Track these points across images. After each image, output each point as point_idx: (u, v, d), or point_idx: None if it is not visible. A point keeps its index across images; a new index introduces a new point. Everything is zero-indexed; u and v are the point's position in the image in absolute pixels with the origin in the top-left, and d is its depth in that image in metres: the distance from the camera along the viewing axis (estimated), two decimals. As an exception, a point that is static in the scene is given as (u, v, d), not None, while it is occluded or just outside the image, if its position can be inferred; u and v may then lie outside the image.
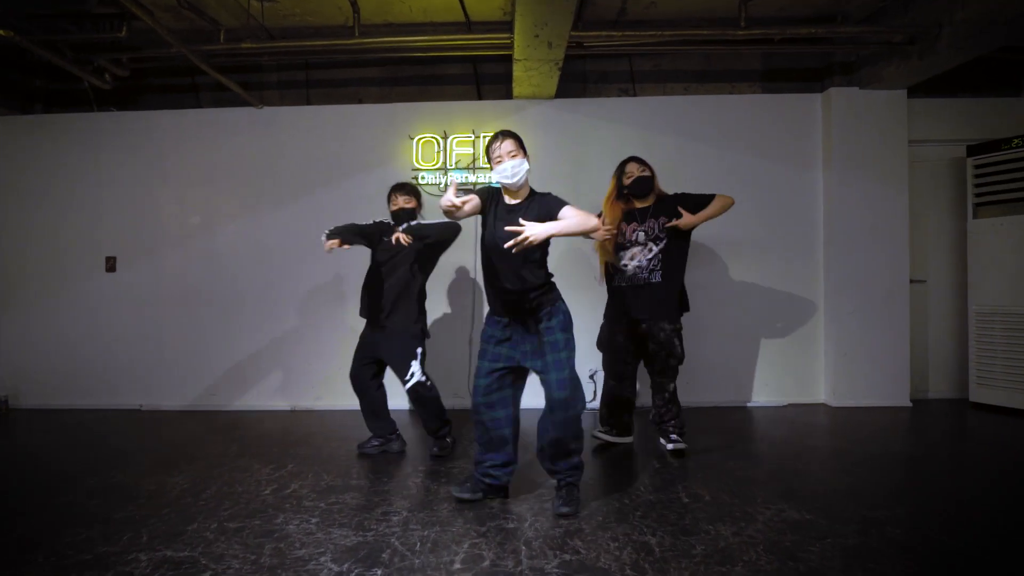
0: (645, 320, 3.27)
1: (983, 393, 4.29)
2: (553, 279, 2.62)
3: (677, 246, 3.30)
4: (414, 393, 3.25)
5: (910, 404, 4.33)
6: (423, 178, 4.55)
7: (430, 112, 4.61)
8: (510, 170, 2.47)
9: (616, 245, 3.33)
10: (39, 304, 4.76)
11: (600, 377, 4.49)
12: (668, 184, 4.50)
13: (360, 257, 3.59)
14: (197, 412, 4.54)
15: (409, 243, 3.19)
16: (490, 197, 2.56)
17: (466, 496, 2.59)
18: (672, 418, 3.29)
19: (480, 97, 4.66)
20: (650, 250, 3.26)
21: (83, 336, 4.73)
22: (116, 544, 2.24)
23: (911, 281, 4.43)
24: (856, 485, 2.77)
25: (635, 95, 4.64)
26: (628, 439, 3.49)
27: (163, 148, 4.74)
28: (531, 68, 3.87)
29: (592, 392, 4.47)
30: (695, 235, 4.51)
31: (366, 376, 3.35)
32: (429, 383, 3.29)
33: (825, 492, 2.67)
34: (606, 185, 4.55)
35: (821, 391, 4.49)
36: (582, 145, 4.56)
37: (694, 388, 4.45)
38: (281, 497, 2.71)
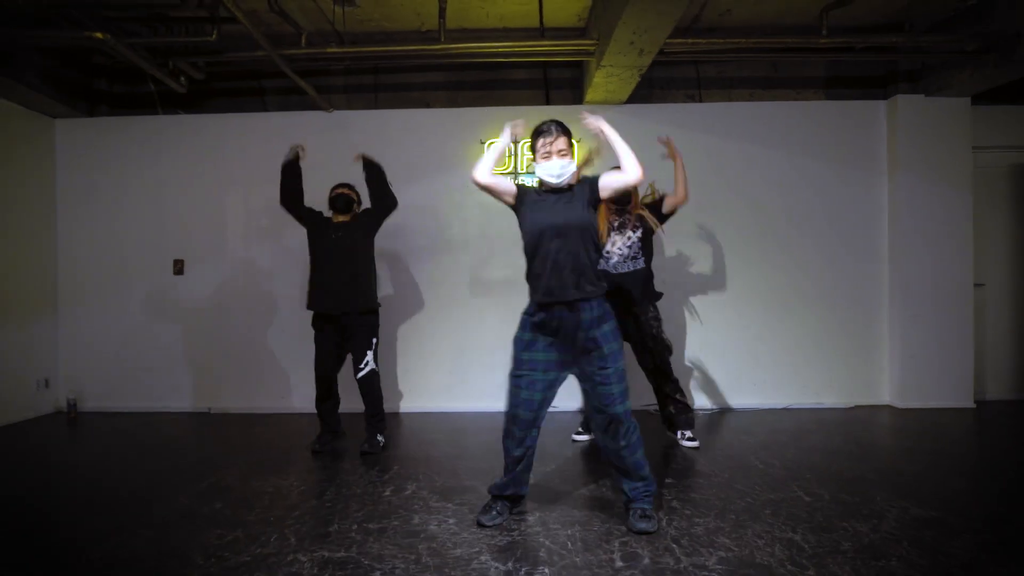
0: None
1: (1045, 394, 4.40)
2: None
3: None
4: (366, 383, 3.50)
5: (974, 405, 4.42)
6: (494, 182, 4.60)
7: (499, 116, 4.63)
8: (558, 170, 2.35)
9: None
10: (106, 306, 4.76)
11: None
12: (735, 190, 4.61)
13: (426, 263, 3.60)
14: (267, 415, 4.55)
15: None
16: (525, 191, 2.49)
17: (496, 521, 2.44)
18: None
19: (548, 102, 4.72)
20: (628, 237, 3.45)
21: (150, 338, 4.74)
22: (267, 545, 2.27)
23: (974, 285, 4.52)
24: (967, 484, 2.84)
25: (701, 101, 4.71)
26: None
27: (230, 151, 4.77)
28: (613, 74, 3.93)
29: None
30: (764, 236, 4.59)
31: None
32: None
33: (940, 492, 2.74)
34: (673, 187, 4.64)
35: (885, 393, 4.58)
36: (650, 149, 4.57)
37: (764, 389, 4.55)
38: (405, 498, 2.75)
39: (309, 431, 4.05)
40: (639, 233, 3.46)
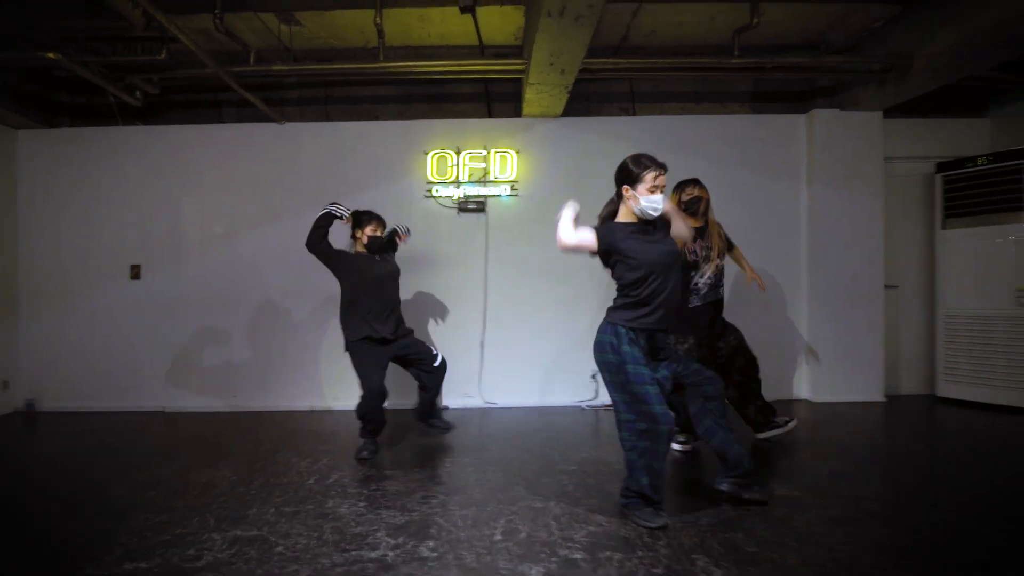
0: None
1: (950, 388, 4.70)
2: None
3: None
4: (444, 368, 3.71)
5: (884, 399, 4.73)
6: (437, 191, 4.85)
7: (443, 129, 4.91)
8: (660, 203, 2.55)
9: (689, 264, 3.46)
10: (64, 310, 4.96)
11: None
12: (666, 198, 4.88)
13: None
14: (220, 414, 4.77)
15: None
16: (610, 230, 2.60)
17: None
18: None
19: (490, 115, 4.98)
20: (717, 266, 3.50)
21: (107, 341, 4.94)
22: (188, 527, 2.50)
23: (886, 287, 4.83)
24: (839, 469, 3.12)
25: (635, 114, 4.98)
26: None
27: (187, 161, 4.98)
28: (542, 91, 4.20)
29: (595, 391, 4.81)
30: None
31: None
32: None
33: (811, 475, 3.02)
34: (609, 196, 4.93)
35: (804, 388, 4.87)
36: (586, 160, 4.88)
37: (690, 386, 4.83)
38: (326, 486, 2.98)
39: (254, 427, 4.28)
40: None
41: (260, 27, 4.24)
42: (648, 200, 2.54)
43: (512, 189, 4.84)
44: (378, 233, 3.70)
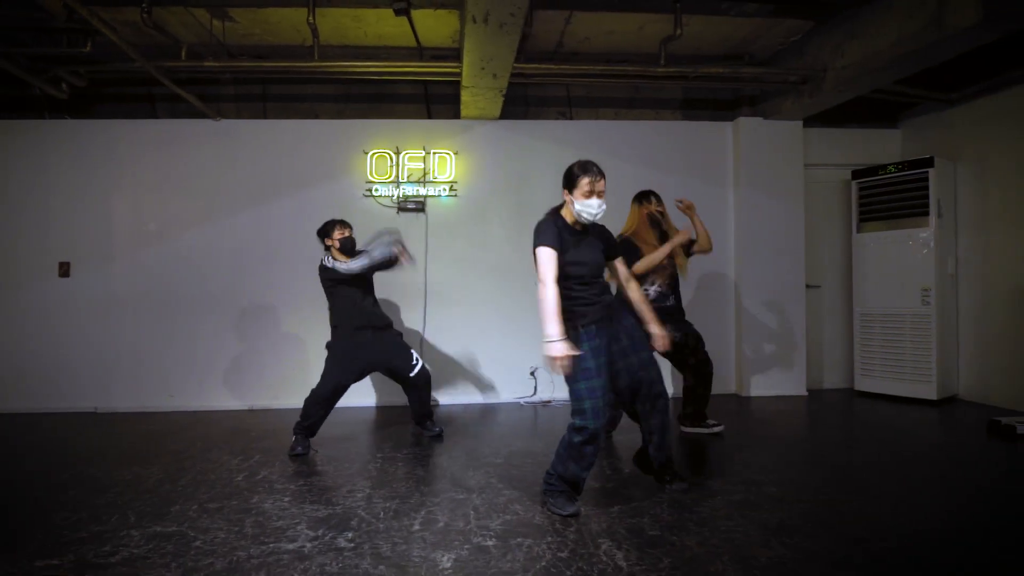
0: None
1: (865, 382, 5.02)
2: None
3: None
4: (424, 378, 3.80)
5: (806, 393, 5.01)
6: (376, 190, 4.88)
7: (383, 129, 4.95)
8: (597, 208, 2.58)
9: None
10: (-11, 309, 4.79)
11: (540, 374, 4.97)
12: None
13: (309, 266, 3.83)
14: (155, 413, 4.69)
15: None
16: (552, 225, 2.61)
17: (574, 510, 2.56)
18: None
19: (430, 116, 5.04)
20: (670, 275, 3.74)
21: (35, 340, 4.79)
22: (106, 524, 2.49)
23: (808, 286, 5.12)
24: (751, 458, 3.32)
25: (571, 118, 5.13)
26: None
27: (119, 157, 4.87)
28: (478, 94, 4.29)
29: (533, 388, 4.93)
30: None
31: None
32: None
33: (724, 464, 3.21)
34: (547, 198, 5.02)
35: (733, 383, 5.11)
36: (524, 162, 5.01)
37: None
38: (253, 482, 3.00)
39: (189, 426, 4.24)
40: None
41: (192, 21, 4.20)
42: (582, 204, 2.59)
43: (451, 190, 4.92)
44: (347, 233, 3.73)
